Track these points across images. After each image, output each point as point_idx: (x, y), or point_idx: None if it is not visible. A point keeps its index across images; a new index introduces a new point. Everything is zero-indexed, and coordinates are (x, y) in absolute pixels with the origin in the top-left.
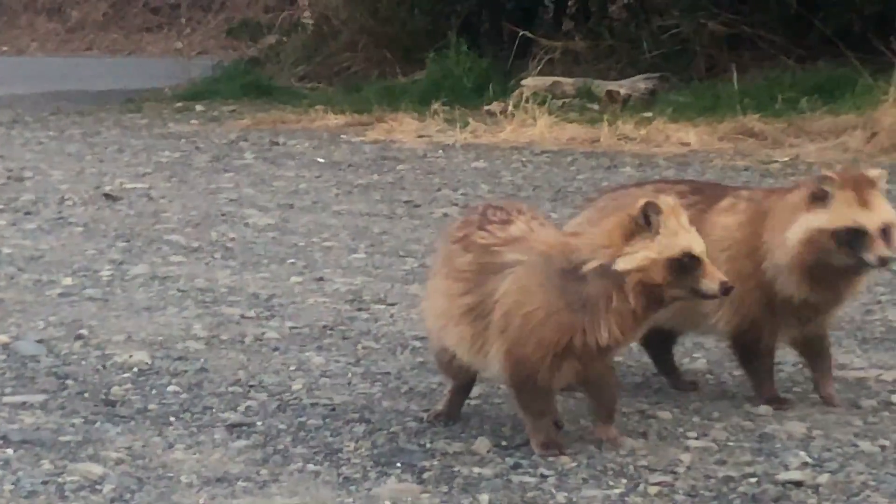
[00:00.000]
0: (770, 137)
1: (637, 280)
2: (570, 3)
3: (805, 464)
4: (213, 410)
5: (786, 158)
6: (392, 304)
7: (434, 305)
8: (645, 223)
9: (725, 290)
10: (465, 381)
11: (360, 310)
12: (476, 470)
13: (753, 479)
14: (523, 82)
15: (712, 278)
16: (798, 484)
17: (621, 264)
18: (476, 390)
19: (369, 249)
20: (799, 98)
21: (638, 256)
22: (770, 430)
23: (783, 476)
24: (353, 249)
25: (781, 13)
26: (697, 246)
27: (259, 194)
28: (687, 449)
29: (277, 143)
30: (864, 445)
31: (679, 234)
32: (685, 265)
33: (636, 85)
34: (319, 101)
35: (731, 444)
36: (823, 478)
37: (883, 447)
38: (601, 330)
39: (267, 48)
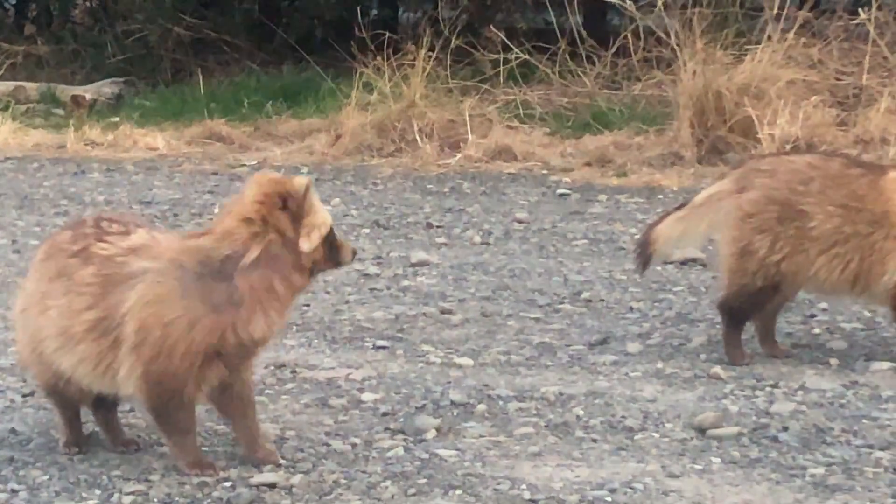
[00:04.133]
0: (237, 141)
1: (311, 259)
2: (32, 7)
3: (278, 465)
4: None
5: (254, 162)
6: None
7: (40, 327)
8: (291, 205)
9: (355, 254)
10: (77, 405)
11: None
12: None
13: (228, 484)
14: None
15: (346, 249)
16: (272, 486)
17: (305, 245)
18: None
19: None
20: (264, 102)
21: (314, 236)
22: None
23: (257, 479)
24: None
25: (245, 19)
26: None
27: None
28: (161, 456)
29: None
30: (336, 444)
31: (321, 212)
32: (331, 240)
33: (102, 89)
34: None
35: (205, 449)
36: (297, 478)
37: (354, 445)
38: (255, 323)
39: None
